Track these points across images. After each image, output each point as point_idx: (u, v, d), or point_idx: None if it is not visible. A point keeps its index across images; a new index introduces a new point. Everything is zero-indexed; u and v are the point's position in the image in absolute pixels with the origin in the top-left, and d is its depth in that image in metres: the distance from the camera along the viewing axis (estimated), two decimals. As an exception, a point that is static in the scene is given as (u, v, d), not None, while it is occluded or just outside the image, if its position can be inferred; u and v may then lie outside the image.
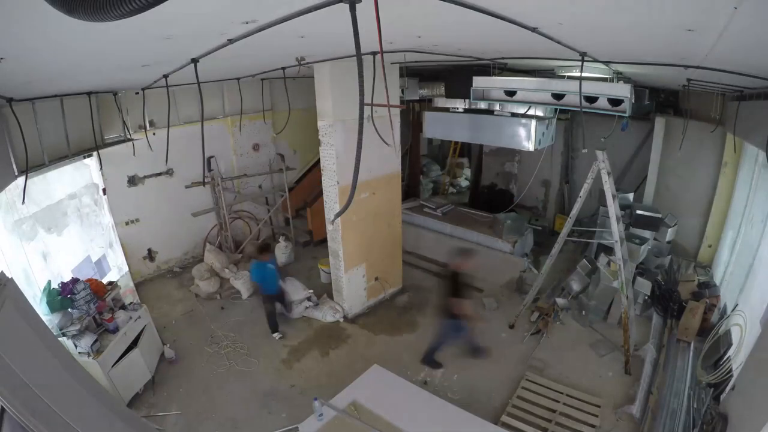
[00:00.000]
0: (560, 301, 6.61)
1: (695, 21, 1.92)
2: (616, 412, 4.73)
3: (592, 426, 4.57)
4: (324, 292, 7.06)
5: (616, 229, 5.19)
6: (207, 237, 8.47)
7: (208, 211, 8.29)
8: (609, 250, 7.20)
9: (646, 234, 6.73)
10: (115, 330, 4.87)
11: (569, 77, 5.88)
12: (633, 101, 4.99)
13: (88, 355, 4.47)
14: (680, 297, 6.26)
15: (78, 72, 3.31)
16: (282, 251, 8.33)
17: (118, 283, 5.79)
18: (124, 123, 6.53)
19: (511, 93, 5.69)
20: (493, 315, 6.70)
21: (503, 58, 5.20)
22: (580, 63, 3.72)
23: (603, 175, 5.17)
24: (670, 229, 6.96)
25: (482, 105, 6.70)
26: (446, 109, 7.36)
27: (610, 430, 4.57)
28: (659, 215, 6.91)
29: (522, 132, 6.27)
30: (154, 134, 6.49)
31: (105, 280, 5.67)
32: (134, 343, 5.15)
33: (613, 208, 5.17)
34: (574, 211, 5.64)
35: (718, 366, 4.98)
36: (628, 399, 4.92)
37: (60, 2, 0.87)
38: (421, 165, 11.51)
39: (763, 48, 2.25)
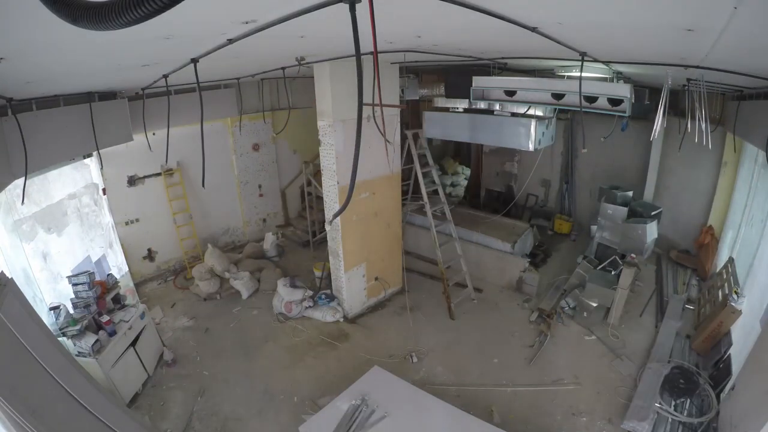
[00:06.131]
0: (569, 301, 6.59)
1: (695, 21, 1.91)
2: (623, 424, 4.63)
3: None
4: (323, 293, 7.05)
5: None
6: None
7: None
8: (609, 250, 7.22)
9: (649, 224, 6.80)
10: (113, 333, 4.88)
11: (569, 77, 5.89)
12: (633, 101, 4.99)
13: (89, 354, 4.47)
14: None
15: (78, 72, 3.31)
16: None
17: (119, 283, 5.79)
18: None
19: (511, 93, 5.69)
20: (497, 316, 6.70)
21: (503, 58, 5.20)
22: (580, 63, 3.72)
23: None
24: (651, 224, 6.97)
25: (482, 105, 6.70)
26: (446, 109, 7.36)
27: None
28: (653, 209, 7.02)
29: (522, 132, 6.27)
30: (153, 134, 6.49)
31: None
32: (134, 343, 5.15)
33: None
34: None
35: (718, 366, 5.00)
36: (629, 399, 4.93)
37: (65, 12, 0.88)
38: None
39: (763, 48, 2.25)
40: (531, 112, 6.32)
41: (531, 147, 6.27)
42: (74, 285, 4.92)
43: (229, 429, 4.72)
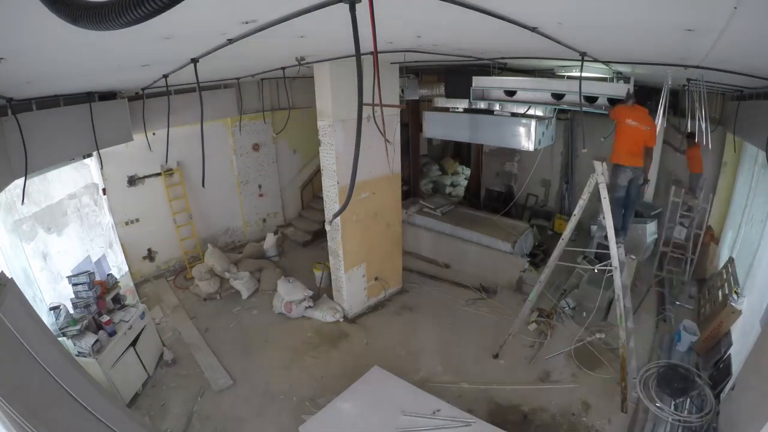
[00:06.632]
0: (569, 301, 6.59)
1: (695, 21, 1.92)
2: None
3: None
4: (323, 293, 7.06)
5: (615, 253, 4.42)
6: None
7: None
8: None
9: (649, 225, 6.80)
10: (113, 333, 4.88)
11: (569, 77, 5.89)
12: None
13: (89, 354, 4.47)
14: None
15: (78, 72, 3.31)
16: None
17: (119, 283, 5.79)
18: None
19: (511, 93, 5.69)
20: (497, 316, 6.70)
21: (503, 58, 5.21)
22: (580, 63, 3.72)
23: (602, 191, 4.42)
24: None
25: (482, 105, 6.70)
26: (446, 109, 7.36)
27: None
28: (653, 209, 7.02)
29: (522, 132, 6.26)
30: (153, 134, 6.50)
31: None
32: (134, 343, 5.15)
33: (611, 231, 4.38)
34: (572, 224, 4.78)
35: (718, 366, 5.00)
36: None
37: (65, 12, 0.88)
38: (421, 165, 11.52)
39: (763, 48, 2.25)
40: (531, 112, 6.33)
41: (531, 147, 6.27)
42: (74, 285, 4.92)
43: (229, 429, 4.72)
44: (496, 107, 6.62)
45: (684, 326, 5.63)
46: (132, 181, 7.35)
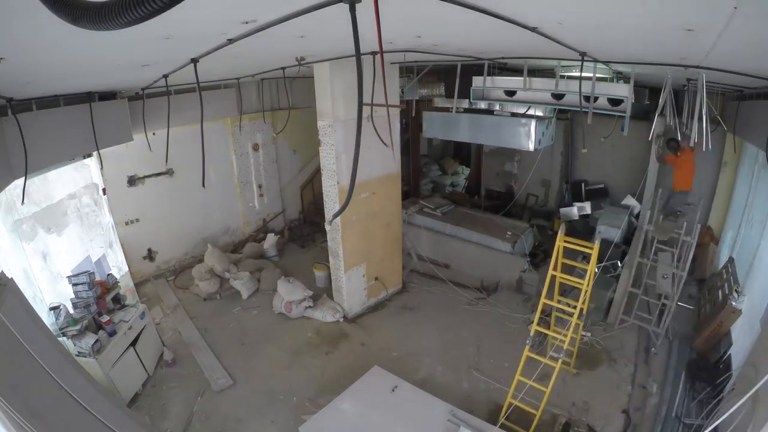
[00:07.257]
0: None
1: (695, 21, 1.92)
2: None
3: None
4: (323, 292, 7.06)
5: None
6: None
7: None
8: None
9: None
10: (113, 333, 4.88)
11: (569, 77, 5.88)
12: (633, 101, 4.99)
13: (89, 354, 4.47)
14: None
15: (78, 72, 3.31)
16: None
17: (119, 283, 5.79)
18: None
19: (511, 93, 5.68)
20: (497, 316, 6.70)
21: (503, 58, 5.20)
22: (580, 63, 3.72)
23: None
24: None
25: (482, 105, 6.69)
26: (446, 109, 7.36)
27: None
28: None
29: (522, 132, 6.27)
30: (153, 134, 6.49)
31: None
32: (134, 343, 5.15)
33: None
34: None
35: (718, 366, 5.00)
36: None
37: (65, 12, 0.88)
38: (421, 165, 11.51)
39: (763, 48, 2.25)
40: (531, 112, 6.33)
41: (531, 147, 6.27)
42: (74, 285, 4.92)
43: (229, 429, 4.72)
44: (497, 107, 6.63)
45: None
46: (132, 181, 7.34)
